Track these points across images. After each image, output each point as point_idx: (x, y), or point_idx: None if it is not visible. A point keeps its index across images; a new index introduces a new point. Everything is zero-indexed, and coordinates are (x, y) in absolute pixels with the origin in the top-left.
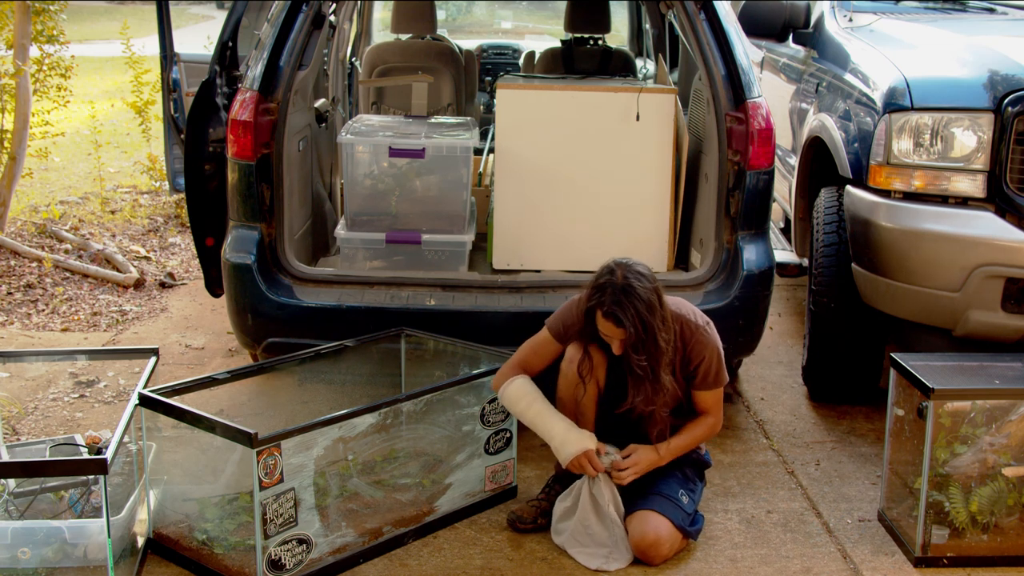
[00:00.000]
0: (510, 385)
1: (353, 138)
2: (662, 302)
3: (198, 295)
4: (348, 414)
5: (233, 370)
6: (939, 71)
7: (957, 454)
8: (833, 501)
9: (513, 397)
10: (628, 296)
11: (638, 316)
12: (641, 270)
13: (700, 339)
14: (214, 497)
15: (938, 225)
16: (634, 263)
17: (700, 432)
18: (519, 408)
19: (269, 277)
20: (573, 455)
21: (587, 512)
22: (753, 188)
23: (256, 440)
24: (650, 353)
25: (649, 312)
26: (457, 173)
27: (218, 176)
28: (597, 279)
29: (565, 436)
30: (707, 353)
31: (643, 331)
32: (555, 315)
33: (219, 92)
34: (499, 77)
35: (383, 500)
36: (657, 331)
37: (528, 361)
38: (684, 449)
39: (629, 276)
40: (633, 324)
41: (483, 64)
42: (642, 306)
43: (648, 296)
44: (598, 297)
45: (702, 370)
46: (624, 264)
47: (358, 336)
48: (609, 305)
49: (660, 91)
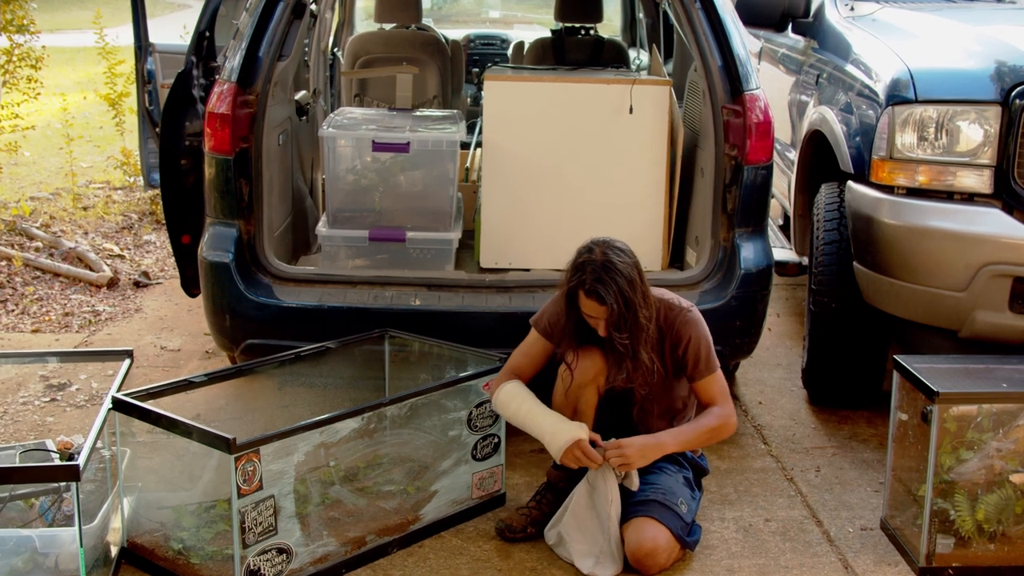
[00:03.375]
0: (501, 390)
1: (335, 132)
2: (642, 278)
3: (174, 295)
4: (330, 419)
5: (210, 373)
6: (944, 62)
7: (963, 460)
8: (834, 509)
9: (504, 401)
10: (609, 272)
11: (620, 293)
12: (620, 246)
13: (684, 319)
14: (190, 505)
15: (943, 222)
16: (612, 240)
17: (710, 422)
18: (510, 411)
19: (248, 276)
20: (564, 445)
21: (582, 506)
22: (751, 184)
23: (234, 446)
24: (631, 331)
25: (630, 287)
26: (443, 168)
27: (195, 171)
28: (576, 258)
29: (555, 428)
30: (692, 333)
31: (624, 307)
32: (540, 312)
33: (196, 84)
34: (487, 68)
35: (366, 508)
36: (638, 307)
37: (519, 365)
38: (693, 439)
39: (608, 252)
40: (616, 300)
41: (470, 55)
42: (623, 281)
43: (629, 272)
44: (579, 276)
45: (691, 354)
46: (603, 241)
47: (340, 337)
48: (591, 283)
49: (654, 83)
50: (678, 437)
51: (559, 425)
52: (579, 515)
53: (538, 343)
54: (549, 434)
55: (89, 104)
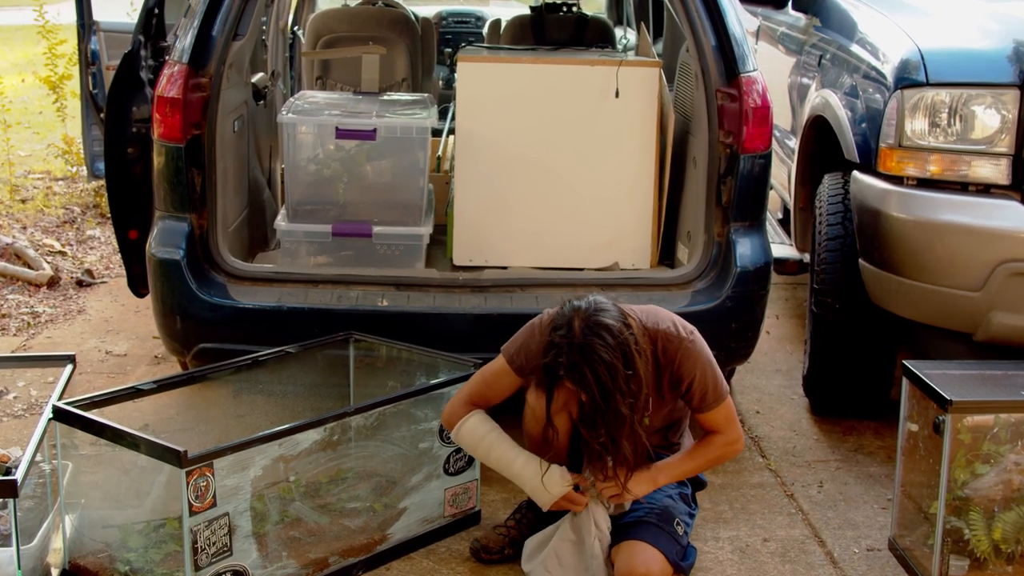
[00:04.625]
0: (463, 426)
1: (295, 117)
2: (629, 359)
3: (120, 295)
4: (289, 429)
5: (160, 380)
6: (958, 41)
7: (978, 475)
8: (838, 528)
9: (468, 441)
10: (586, 357)
11: (597, 381)
12: (606, 319)
13: (687, 353)
14: (138, 523)
15: (956, 216)
16: (597, 306)
17: (712, 453)
18: (479, 453)
19: (200, 274)
20: (550, 502)
21: (564, 541)
22: (747, 174)
23: (186, 459)
24: (610, 423)
25: (610, 375)
26: (413, 157)
27: (143, 160)
28: (554, 330)
29: (535, 483)
30: (698, 369)
31: (602, 399)
32: (514, 342)
33: (144, 65)
34: (460, 48)
35: (329, 527)
36: (619, 398)
37: (483, 394)
38: (691, 471)
39: (588, 331)
40: (591, 391)
41: (442, 34)
42: (602, 369)
43: (610, 357)
44: (554, 356)
45: (697, 390)
46: (584, 311)
47: (301, 341)
48: (565, 369)
49: (642, 64)
50: (674, 471)
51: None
52: (561, 551)
53: (507, 377)
54: (530, 489)
55: (27, 88)
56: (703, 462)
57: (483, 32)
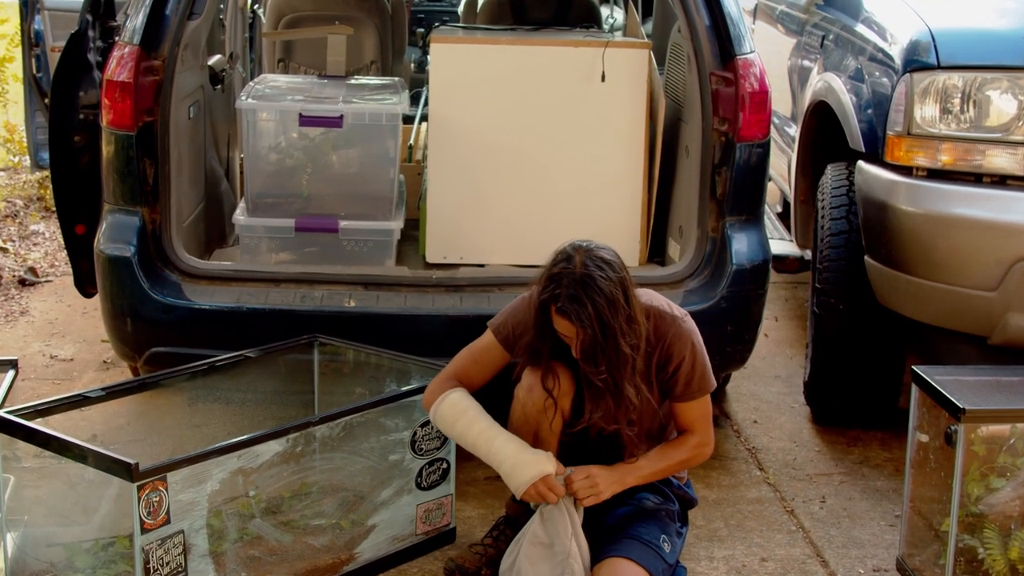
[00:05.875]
0: (443, 401)
1: (255, 103)
2: (628, 297)
3: (66, 295)
4: (249, 440)
5: (109, 387)
6: (971, 21)
7: (993, 489)
8: (842, 547)
9: (448, 416)
10: (587, 289)
11: (598, 316)
12: (606, 255)
13: (679, 333)
14: (85, 542)
15: (970, 209)
16: (597, 247)
17: (681, 454)
18: (457, 429)
19: (153, 273)
20: (530, 481)
21: (535, 545)
22: (744, 164)
23: (137, 472)
24: (611, 360)
25: (611, 310)
26: (382, 146)
27: (90, 149)
28: (552, 266)
29: (516, 459)
30: (687, 351)
31: (602, 335)
32: (502, 315)
33: (92, 47)
34: (434, 28)
35: (292, 545)
36: (620, 335)
37: (466, 371)
38: (659, 473)
39: (590, 264)
40: (591, 325)
41: (414, 13)
42: (603, 302)
43: (611, 290)
44: (552, 289)
45: (683, 373)
46: (584, 248)
47: (262, 345)
48: (564, 300)
49: (630, 45)
50: (642, 471)
51: (521, 456)
52: (533, 556)
53: (494, 351)
54: (509, 465)
55: None
56: (673, 464)
57: (458, 11)
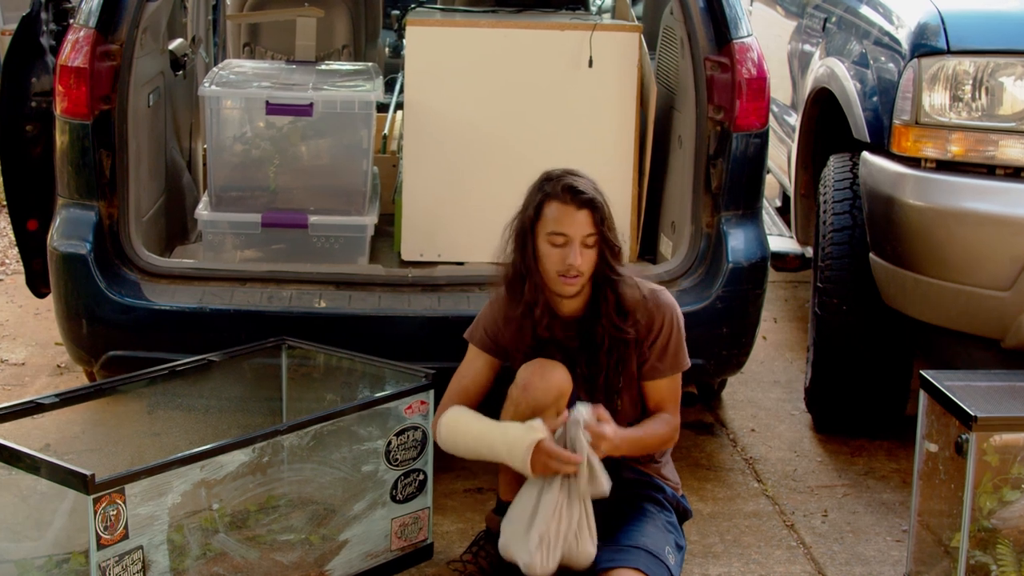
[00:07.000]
0: (442, 425)
1: (219, 90)
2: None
3: (17, 295)
4: (212, 450)
5: (63, 393)
6: (983, 3)
7: (1007, 502)
8: (845, 563)
9: (449, 435)
10: (577, 175)
11: (595, 190)
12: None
13: (656, 301)
14: (38, 558)
15: (982, 203)
16: None
17: (661, 430)
18: (458, 440)
19: (110, 271)
20: (527, 454)
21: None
22: (741, 155)
23: (93, 484)
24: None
25: (600, 197)
26: (355, 136)
27: (43, 139)
28: (535, 183)
29: (507, 439)
30: (666, 321)
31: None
32: (473, 323)
33: (45, 30)
34: (409, 10)
35: (258, 562)
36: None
37: (460, 390)
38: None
39: (570, 171)
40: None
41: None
42: (592, 187)
43: (594, 189)
44: (543, 189)
45: (659, 344)
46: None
47: (226, 348)
48: (560, 185)
49: (620, 29)
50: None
51: (510, 433)
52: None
53: (478, 360)
54: (507, 450)
55: None
56: (656, 439)
57: None
